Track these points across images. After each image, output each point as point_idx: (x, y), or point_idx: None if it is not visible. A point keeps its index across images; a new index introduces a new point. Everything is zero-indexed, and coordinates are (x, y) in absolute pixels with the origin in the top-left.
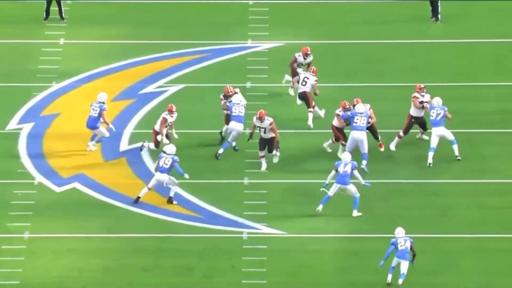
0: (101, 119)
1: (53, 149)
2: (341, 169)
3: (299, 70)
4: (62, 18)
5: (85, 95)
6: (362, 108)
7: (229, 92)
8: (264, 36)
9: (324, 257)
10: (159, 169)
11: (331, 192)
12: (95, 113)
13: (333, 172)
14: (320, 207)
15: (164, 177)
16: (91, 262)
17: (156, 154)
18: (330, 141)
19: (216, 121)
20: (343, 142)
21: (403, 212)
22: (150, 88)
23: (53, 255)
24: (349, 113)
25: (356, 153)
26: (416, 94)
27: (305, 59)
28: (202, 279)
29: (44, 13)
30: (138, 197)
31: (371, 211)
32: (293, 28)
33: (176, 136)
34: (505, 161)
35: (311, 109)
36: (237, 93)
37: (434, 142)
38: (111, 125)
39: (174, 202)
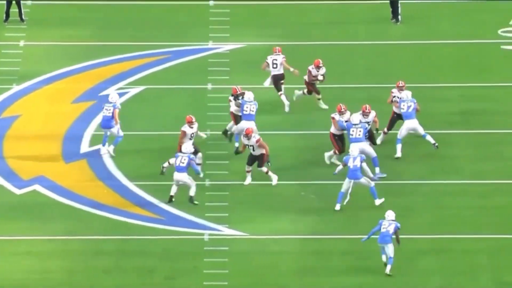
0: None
1: (13, 151)
2: (351, 163)
3: (268, 58)
4: (22, 20)
5: (46, 97)
6: (357, 119)
7: (237, 92)
8: (225, 38)
9: (286, 258)
10: (176, 168)
11: (344, 188)
12: (108, 113)
13: (341, 166)
14: (337, 206)
15: (182, 176)
16: (53, 264)
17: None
18: (332, 152)
19: (177, 122)
20: (337, 151)
21: (364, 213)
22: (111, 90)
23: (14, 257)
24: (344, 123)
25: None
26: (393, 90)
27: (317, 71)
28: (164, 281)
29: (4, 15)
30: (171, 196)
31: (332, 212)
32: (254, 29)
33: (204, 135)
34: (465, 162)
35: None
36: (243, 93)
37: (402, 134)
38: (119, 126)
39: (196, 202)
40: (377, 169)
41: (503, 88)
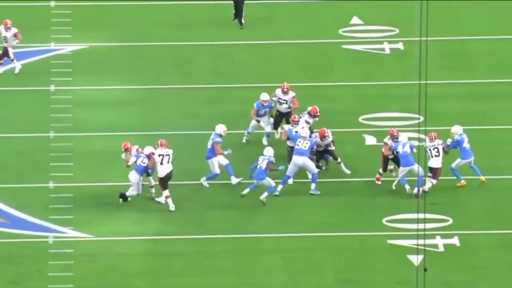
0: None
1: None
2: (400, 149)
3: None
4: None
5: None
6: (305, 132)
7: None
8: (67, 39)
9: (131, 260)
10: (135, 168)
11: (400, 174)
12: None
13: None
14: (407, 188)
15: (137, 177)
16: None
17: None
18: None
19: (20, 124)
20: (392, 170)
21: (208, 213)
22: None
23: None
24: (294, 133)
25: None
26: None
27: (315, 120)
28: (9, 285)
29: None
30: (138, 194)
31: (177, 213)
32: (96, 31)
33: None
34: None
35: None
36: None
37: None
38: None
39: (121, 200)
40: (313, 185)
41: (344, 88)
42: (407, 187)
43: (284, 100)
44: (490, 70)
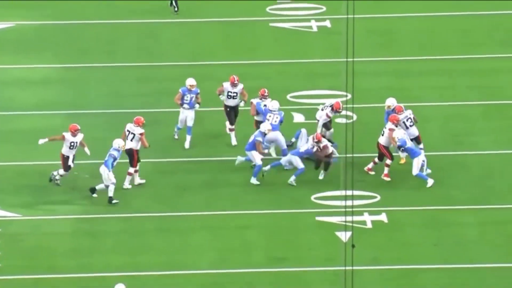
0: None
1: None
2: (409, 143)
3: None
4: None
5: None
6: (273, 106)
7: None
8: None
9: (59, 239)
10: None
11: (417, 169)
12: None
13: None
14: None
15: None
16: None
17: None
18: (372, 163)
19: None
20: (388, 162)
21: (136, 192)
22: None
23: None
24: (263, 107)
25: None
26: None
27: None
28: None
29: None
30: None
31: (105, 192)
32: (23, 9)
33: (88, 153)
34: (240, 140)
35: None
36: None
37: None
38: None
39: (114, 201)
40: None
41: (272, 65)
42: (430, 182)
43: (234, 92)
44: (416, 47)
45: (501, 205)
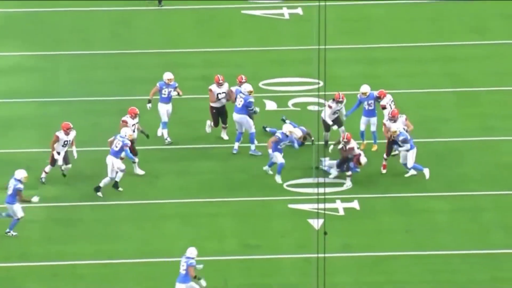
0: None
1: None
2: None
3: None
4: None
5: None
6: (245, 89)
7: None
8: None
9: (30, 227)
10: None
11: (412, 160)
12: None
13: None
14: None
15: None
16: None
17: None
18: (384, 161)
19: None
20: (386, 157)
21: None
22: None
23: None
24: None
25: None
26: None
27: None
28: None
29: None
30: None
31: (77, 180)
32: None
33: (75, 155)
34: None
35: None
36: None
37: None
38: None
39: (120, 189)
40: (252, 146)
41: (243, 53)
42: (426, 171)
43: (222, 93)
44: (388, 35)
45: (473, 192)
